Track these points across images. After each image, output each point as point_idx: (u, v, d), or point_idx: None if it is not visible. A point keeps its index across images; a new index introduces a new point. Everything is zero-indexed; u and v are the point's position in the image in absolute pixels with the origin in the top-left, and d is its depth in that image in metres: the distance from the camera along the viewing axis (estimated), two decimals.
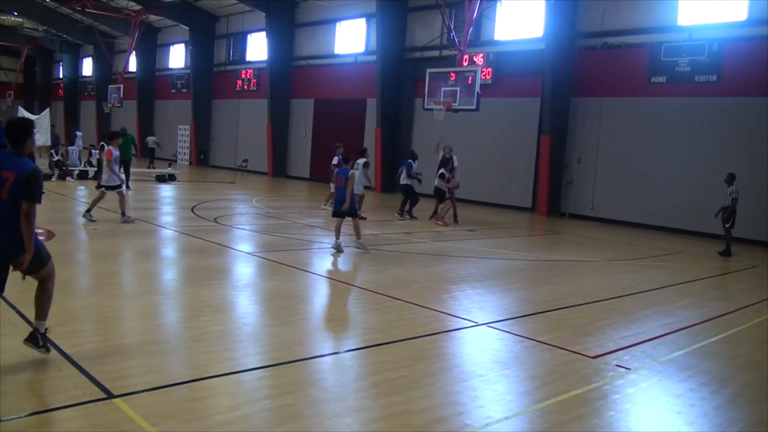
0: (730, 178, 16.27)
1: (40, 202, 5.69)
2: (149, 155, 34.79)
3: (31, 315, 6.97)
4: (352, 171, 13.24)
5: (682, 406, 5.98)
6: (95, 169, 23.51)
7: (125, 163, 23.01)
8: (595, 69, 22.67)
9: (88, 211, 15.00)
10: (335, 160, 18.82)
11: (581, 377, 6.51)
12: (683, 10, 20.53)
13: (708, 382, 6.63)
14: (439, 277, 11.36)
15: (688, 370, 6.98)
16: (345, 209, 12.94)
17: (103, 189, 15.30)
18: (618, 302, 10.25)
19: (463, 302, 9.55)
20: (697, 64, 19.88)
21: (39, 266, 6.06)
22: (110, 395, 5.22)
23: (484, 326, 8.24)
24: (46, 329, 6.12)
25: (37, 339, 5.99)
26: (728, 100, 19.33)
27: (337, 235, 12.99)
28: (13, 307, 7.44)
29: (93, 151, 26.49)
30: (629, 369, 6.84)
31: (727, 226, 16.32)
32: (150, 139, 35.54)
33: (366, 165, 18.19)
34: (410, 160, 19.79)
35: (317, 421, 5.10)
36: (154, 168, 31.39)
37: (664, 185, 20.78)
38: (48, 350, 6.06)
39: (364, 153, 18.96)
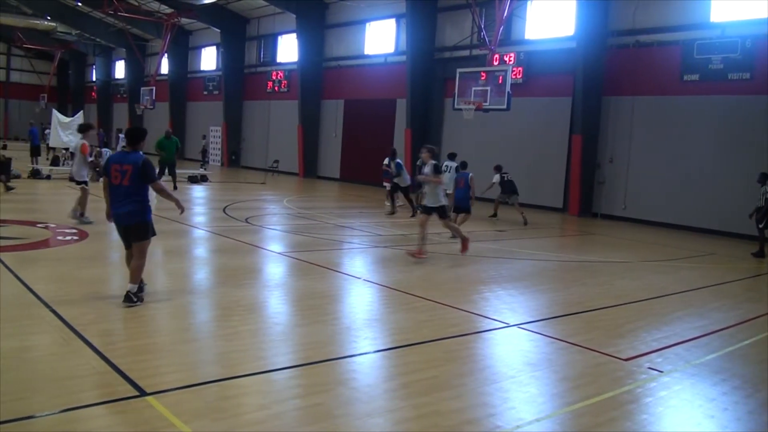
0: (763, 178, 15.97)
1: (158, 179, 8.21)
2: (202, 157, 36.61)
3: (64, 313, 7.12)
4: (471, 174, 15.76)
5: (715, 410, 5.89)
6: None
7: (170, 166, 23.30)
8: (626, 67, 22.44)
9: (80, 213, 14.32)
10: (386, 161, 20.53)
11: (613, 380, 6.45)
12: (715, 7, 20.26)
13: (741, 385, 6.52)
14: (469, 278, 11.32)
15: (721, 373, 6.87)
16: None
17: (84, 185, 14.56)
18: (650, 304, 10.13)
19: (493, 303, 9.51)
20: (730, 62, 19.59)
21: (143, 236, 8.13)
22: (143, 393, 5.27)
23: (515, 327, 8.19)
24: (141, 285, 8.14)
25: (130, 297, 7.82)
26: (762, 98, 19.01)
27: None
28: (47, 306, 7.55)
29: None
30: (662, 372, 6.75)
31: (760, 226, 15.98)
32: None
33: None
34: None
35: (347, 420, 5.11)
36: (206, 169, 31.72)
37: (697, 185, 20.51)
38: (142, 300, 7.97)
39: (394, 154, 19.77)
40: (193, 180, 27.48)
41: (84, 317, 7.23)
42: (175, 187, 23.09)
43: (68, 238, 12.43)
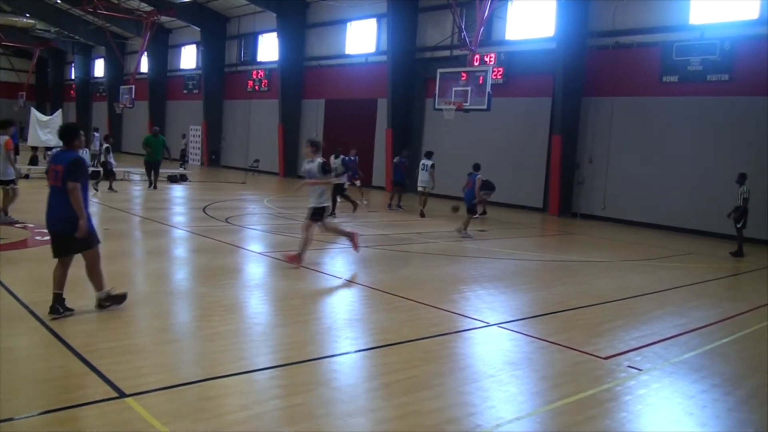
0: (741, 178, 16.24)
1: (81, 183, 7.28)
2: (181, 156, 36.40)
3: (43, 314, 7.07)
4: (479, 176, 16.55)
5: (694, 407, 5.95)
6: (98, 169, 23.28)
7: (155, 165, 23.17)
8: (606, 68, 22.59)
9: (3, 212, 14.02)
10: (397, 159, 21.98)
11: (593, 378, 6.49)
12: (695, 9, 20.44)
13: (720, 383, 6.59)
14: (450, 277, 11.35)
15: (700, 371, 6.94)
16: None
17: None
18: (630, 303, 10.21)
19: (474, 302, 9.54)
20: (709, 63, 19.78)
21: (87, 246, 7.48)
22: (122, 394, 5.24)
23: (495, 327, 8.22)
24: (109, 291, 7.67)
25: (101, 305, 7.59)
26: (740, 99, 19.23)
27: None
28: (26, 307, 7.48)
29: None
30: (641, 370, 6.81)
31: (738, 226, 16.26)
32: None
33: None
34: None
35: (328, 420, 5.11)
36: (185, 168, 31.43)
37: (677, 185, 20.69)
38: (118, 301, 7.73)
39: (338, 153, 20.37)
40: (173, 179, 27.32)
41: (63, 319, 7.17)
42: (155, 187, 22.97)
43: (47, 238, 12.26)
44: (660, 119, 21.14)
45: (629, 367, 6.89)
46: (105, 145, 22.83)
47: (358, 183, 22.13)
